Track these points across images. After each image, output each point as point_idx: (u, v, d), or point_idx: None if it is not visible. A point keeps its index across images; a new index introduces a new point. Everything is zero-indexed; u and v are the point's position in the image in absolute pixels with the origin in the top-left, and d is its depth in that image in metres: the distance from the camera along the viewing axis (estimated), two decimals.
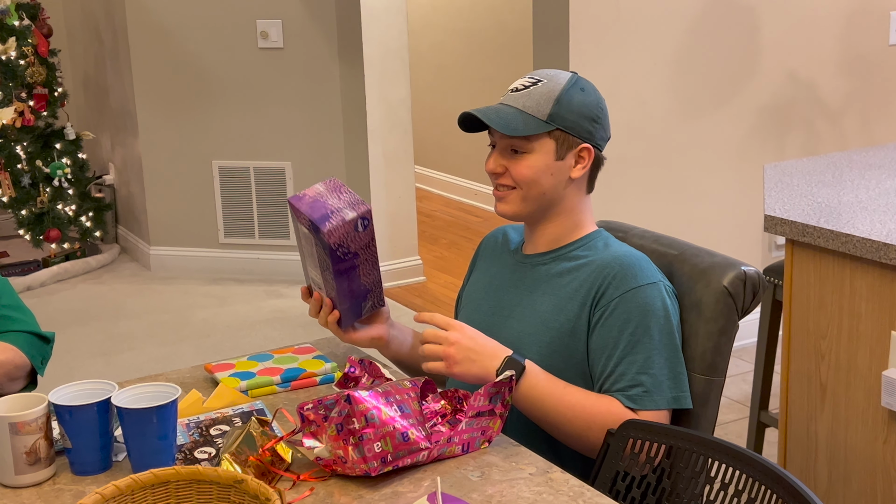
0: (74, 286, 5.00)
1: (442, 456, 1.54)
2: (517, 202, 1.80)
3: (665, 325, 1.70)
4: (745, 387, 3.54)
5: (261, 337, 4.21)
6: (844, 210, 2.29)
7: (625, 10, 3.54)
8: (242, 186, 4.95)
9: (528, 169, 1.76)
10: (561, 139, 1.75)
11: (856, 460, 2.20)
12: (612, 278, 1.72)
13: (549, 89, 1.76)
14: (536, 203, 1.79)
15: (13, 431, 1.48)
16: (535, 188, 1.77)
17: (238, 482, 1.21)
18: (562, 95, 1.75)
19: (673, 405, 1.68)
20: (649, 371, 1.67)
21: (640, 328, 1.68)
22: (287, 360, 1.89)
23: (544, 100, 1.75)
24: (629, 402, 1.66)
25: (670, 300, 1.73)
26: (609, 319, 1.70)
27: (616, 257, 1.75)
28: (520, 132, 1.74)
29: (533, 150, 1.76)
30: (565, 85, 1.76)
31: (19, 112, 4.88)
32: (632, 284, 1.70)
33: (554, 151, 1.76)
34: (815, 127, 4.01)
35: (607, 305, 1.70)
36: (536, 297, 1.80)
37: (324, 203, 1.71)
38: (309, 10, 4.71)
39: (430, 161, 6.61)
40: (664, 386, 1.67)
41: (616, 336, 1.69)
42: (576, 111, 1.75)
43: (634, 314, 1.69)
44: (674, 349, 1.70)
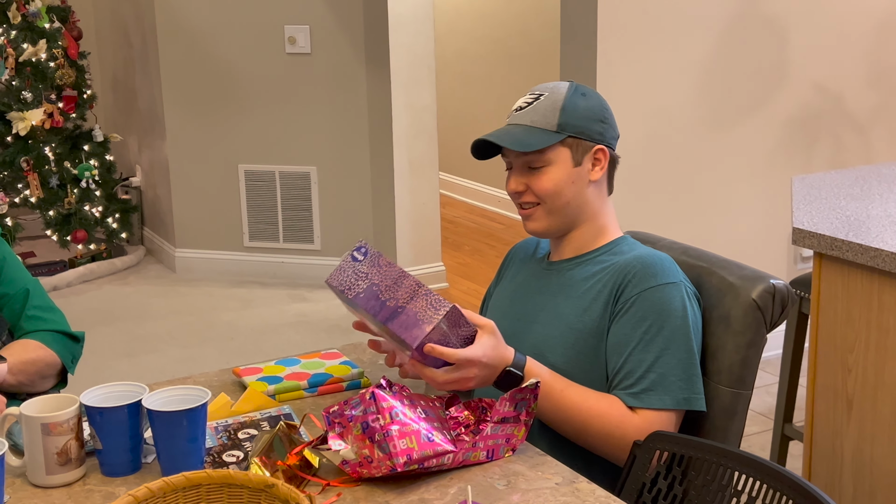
0: (100, 287, 5.04)
1: (467, 462, 1.54)
2: (544, 217, 1.80)
3: (682, 325, 1.69)
4: (769, 399, 3.53)
5: (284, 340, 4.23)
6: (873, 224, 2.29)
7: (653, 19, 3.54)
8: (268, 190, 4.98)
9: (549, 182, 1.77)
10: (574, 145, 1.77)
11: (881, 475, 2.19)
12: (632, 276, 1.72)
13: (553, 101, 1.77)
14: (562, 214, 1.79)
15: (45, 432, 1.49)
16: (558, 199, 1.78)
17: (269, 486, 1.21)
18: (566, 103, 1.77)
19: (683, 406, 1.66)
20: (658, 370, 1.66)
21: (655, 326, 1.68)
22: (314, 365, 1.90)
23: (550, 111, 1.77)
24: (632, 399, 1.66)
25: (690, 302, 1.72)
26: (625, 316, 1.71)
27: (638, 257, 1.76)
28: (533, 147, 1.75)
29: (549, 161, 1.77)
30: (566, 93, 1.79)
31: (48, 114, 4.93)
32: (651, 283, 1.70)
33: (570, 159, 1.77)
34: (843, 140, 3.99)
35: (626, 302, 1.71)
36: (560, 301, 1.80)
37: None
38: (336, 17, 4.73)
39: (455, 167, 6.62)
40: (674, 386, 1.66)
41: (630, 333, 1.70)
42: (582, 115, 1.77)
43: (651, 312, 1.69)
44: (689, 350, 1.69)
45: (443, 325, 1.56)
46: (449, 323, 1.57)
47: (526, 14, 5.86)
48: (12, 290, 2.05)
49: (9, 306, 2.04)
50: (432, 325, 1.55)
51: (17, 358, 1.94)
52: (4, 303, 2.05)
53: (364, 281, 1.63)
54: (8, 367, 1.91)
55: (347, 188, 4.88)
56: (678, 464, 1.58)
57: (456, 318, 1.58)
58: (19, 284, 2.07)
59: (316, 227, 4.95)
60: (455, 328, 1.59)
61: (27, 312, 2.05)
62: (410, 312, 1.57)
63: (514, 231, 5.97)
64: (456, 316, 1.58)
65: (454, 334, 1.59)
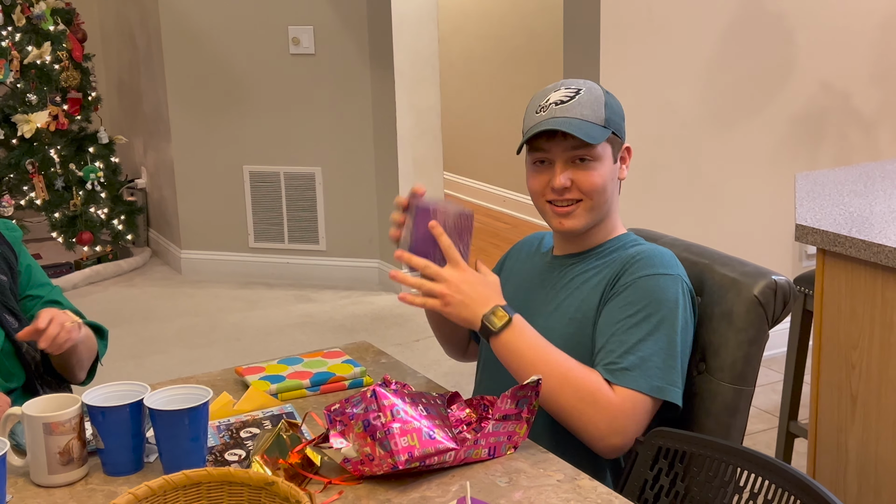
0: (106, 289, 5.05)
1: (468, 459, 1.54)
2: (584, 215, 1.78)
3: (670, 315, 1.67)
4: (774, 397, 3.52)
5: (290, 341, 4.23)
6: (876, 220, 2.28)
7: (656, 18, 3.54)
8: (273, 191, 4.99)
9: (599, 177, 1.75)
10: (614, 143, 1.78)
11: (886, 472, 2.19)
12: (631, 265, 1.73)
13: (595, 96, 1.76)
14: (600, 211, 1.79)
15: (47, 432, 1.50)
16: (602, 196, 1.77)
17: (269, 484, 1.21)
18: (607, 100, 1.78)
19: (655, 393, 1.63)
20: (638, 353, 1.65)
21: (644, 311, 1.67)
22: (316, 363, 1.90)
23: (596, 106, 1.75)
24: (609, 375, 1.64)
25: (684, 296, 1.71)
26: (617, 298, 1.71)
27: (641, 250, 1.77)
28: (597, 140, 1.73)
29: (598, 157, 1.75)
30: (602, 90, 1.80)
31: (53, 116, 4.94)
32: (648, 271, 1.70)
33: (612, 155, 1.78)
34: (848, 137, 3.99)
35: (621, 287, 1.71)
36: (562, 295, 1.80)
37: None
38: (340, 17, 4.73)
39: (459, 167, 6.62)
40: (651, 372, 1.64)
41: (617, 315, 1.69)
42: (618, 113, 1.79)
43: (642, 297, 1.68)
44: (672, 341, 1.67)
45: (451, 213, 1.67)
46: (458, 222, 1.68)
47: (530, 14, 5.86)
48: (44, 292, 2.09)
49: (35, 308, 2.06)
50: (444, 209, 1.67)
51: (86, 331, 1.98)
52: (35, 304, 2.07)
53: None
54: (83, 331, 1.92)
55: (352, 189, 4.88)
56: (680, 460, 1.58)
57: (467, 224, 1.70)
58: (48, 287, 2.11)
59: (321, 227, 4.96)
60: (458, 232, 1.69)
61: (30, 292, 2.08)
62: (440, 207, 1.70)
63: (519, 230, 5.97)
64: (467, 223, 1.70)
65: (456, 235, 1.68)
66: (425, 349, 4.14)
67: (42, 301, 2.08)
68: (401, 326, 4.41)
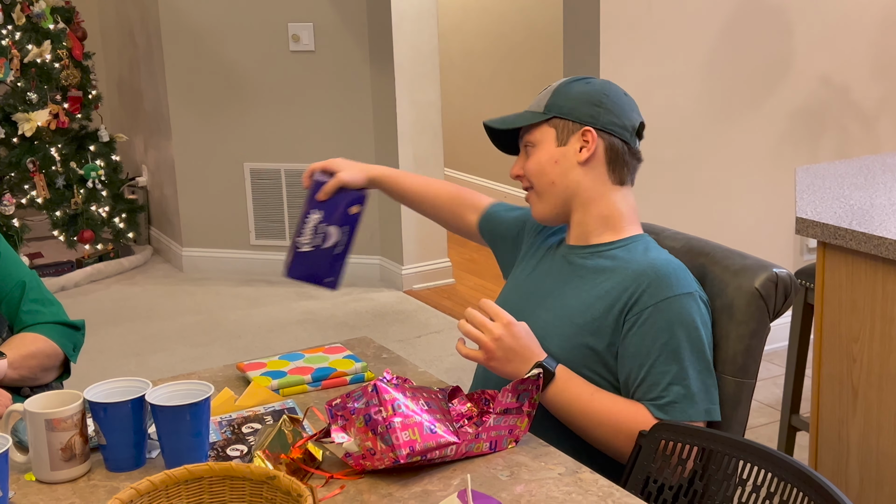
0: (108, 287, 5.05)
1: (470, 453, 1.54)
2: (536, 201, 1.84)
3: (697, 336, 1.68)
4: (776, 391, 3.53)
5: (291, 338, 4.24)
6: (877, 213, 2.28)
7: (656, 12, 3.54)
8: (273, 188, 4.99)
9: (534, 163, 1.81)
10: (560, 126, 1.79)
11: (888, 464, 2.19)
12: (647, 285, 1.69)
13: (554, 87, 1.82)
14: (551, 196, 1.81)
15: (49, 428, 1.50)
16: (543, 179, 1.80)
17: (270, 478, 1.22)
18: (560, 87, 1.81)
19: (705, 418, 1.66)
20: (682, 382, 1.66)
21: (674, 339, 1.67)
22: (318, 359, 1.90)
23: (544, 95, 1.83)
24: (660, 412, 1.65)
25: (704, 311, 1.71)
26: (643, 328, 1.68)
27: (652, 264, 1.72)
28: (514, 124, 1.82)
29: (535, 142, 1.81)
30: (567, 80, 1.83)
31: (54, 114, 4.94)
32: (667, 293, 1.68)
33: (555, 138, 1.79)
34: (849, 131, 3.98)
35: (641, 313, 1.69)
36: (567, 291, 1.79)
37: None
38: (340, 14, 4.73)
39: (460, 164, 6.62)
40: (697, 398, 1.66)
41: (649, 345, 1.68)
42: (574, 98, 1.79)
43: (668, 324, 1.67)
44: (705, 361, 1.69)
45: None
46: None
47: (530, 10, 5.86)
48: (9, 284, 2.05)
49: (6, 300, 2.04)
50: None
51: (18, 353, 1.94)
52: (1, 297, 2.05)
53: None
54: (9, 363, 1.91)
55: None
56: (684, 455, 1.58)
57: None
58: (15, 278, 2.06)
59: None
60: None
61: (24, 307, 2.05)
62: None
63: None
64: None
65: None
66: (427, 345, 4.15)
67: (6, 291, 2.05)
68: (402, 323, 4.42)
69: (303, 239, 1.93)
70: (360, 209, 1.97)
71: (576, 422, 1.68)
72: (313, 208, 1.93)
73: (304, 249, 1.93)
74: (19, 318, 2.05)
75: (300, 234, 1.93)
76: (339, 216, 1.95)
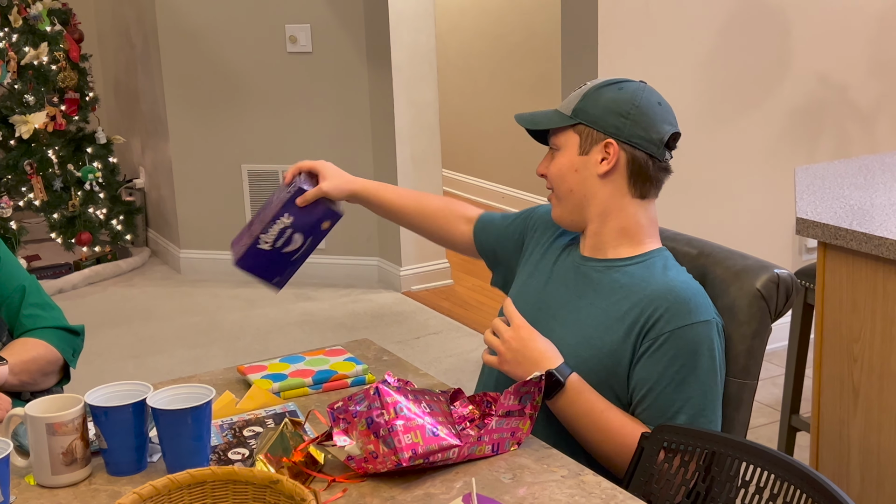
0: (105, 289, 5.04)
1: (472, 456, 1.54)
2: (557, 204, 1.82)
3: (711, 364, 1.67)
4: (775, 391, 3.53)
5: (290, 339, 4.23)
6: (877, 213, 2.28)
7: (654, 12, 3.53)
8: (271, 190, 4.96)
9: (555, 166, 1.78)
10: (585, 133, 1.75)
11: (889, 464, 2.19)
12: (664, 310, 1.67)
13: (586, 88, 1.77)
14: (569, 202, 1.78)
15: (50, 432, 1.49)
16: (562, 185, 1.78)
17: (273, 482, 1.21)
18: (590, 92, 1.75)
19: None
20: (690, 411, 1.65)
21: (688, 367, 1.66)
22: (318, 362, 1.90)
23: (574, 96, 1.77)
24: None
25: (719, 338, 1.70)
26: (657, 353, 1.67)
27: (671, 287, 1.69)
28: (539, 126, 1.78)
29: (560, 146, 1.77)
30: (601, 83, 1.76)
31: (51, 116, 4.93)
32: (685, 321, 1.66)
33: (578, 146, 1.75)
34: (847, 130, 3.98)
35: (657, 338, 1.67)
36: (583, 306, 1.76)
37: None
38: (337, 15, 4.73)
39: (457, 164, 6.62)
40: (704, 423, 1.66)
41: (661, 371, 1.66)
42: (602, 106, 1.73)
43: (683, 351, 1.66)
44: (717, 390, 1.68)
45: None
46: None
47: (528, 10, 5.86)
48: (9, 289, 2.05)
49: (6, 305, 2.04)
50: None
51: (18, 358, 1.94)
52: (1, 302, 2.05)
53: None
54: (9, 368, 1.91)
55: None
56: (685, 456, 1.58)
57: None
58: (15, 282, 2.06)
59: None
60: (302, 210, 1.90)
61: (24, 311, 2.05)
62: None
63: None
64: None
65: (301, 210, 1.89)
66: (426, 346, 4.14)
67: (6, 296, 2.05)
68: (401, 324, 4.41)
69: (266, 237, 1.91)
70: (331, 225, 1.95)
71: (582, 433, 1.67)
72: (286, 211, 1.90)
73: (263, 247, 1.91)
74: (19, 322, 2.05)
75: (265, 232, 1.90)
76: (309, 226, 1.93)
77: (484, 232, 2.01)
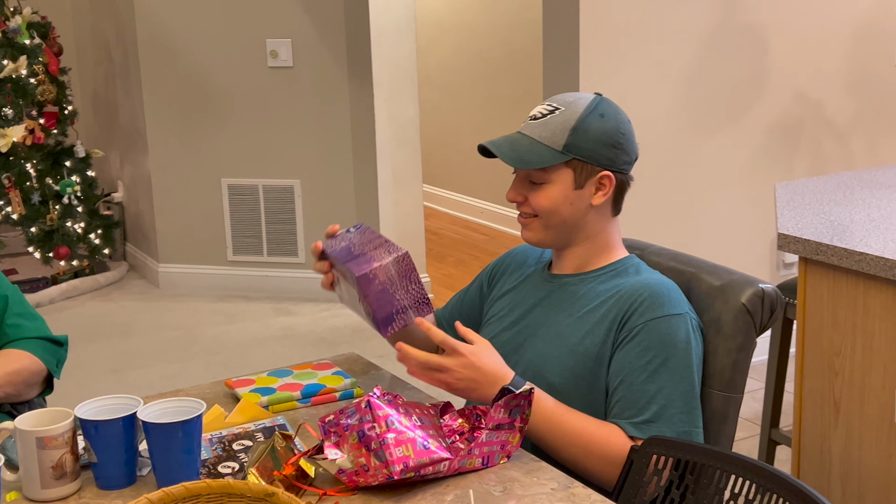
0: (83, 303, 5.02)
1: (462, 469, 1.55)
2: (539, 230, 1.80)
3: (685, 358, 1.68)
4: (755, 405, 3.55)
5: (270, 354, 4.22)
6: (857, 229, 2.31)
7: (635, 29, 3.57)
8: (251, 204, 4.98)
9: (546, 200, 1.76)
10: (579, 168, 1.74)
11: (869, 477, 2.21)
12: (638, 304, 1.70)
13: (566, 118, 1.74)
14: (558, 230, 1.79)
15: (40, 446, 1.49)
16: (555, 217, 1.77)
17: (269, 495, 1.22)
18: (578, 125, 1.73)
19: (683, 438, 1.66)
20: (660, 401, 1.66)
21: (659, 358, 1.67)
22: (307, 375, 1.90)
23: (560, 129, 1.73)
24: (634, 430, 1.65)
25: (694, 333, 1.71)
26: (630, 344, 1.69)
27: (645, 284, 1.73)
28: (533, 166, 1.74)
29: (550, 180, 1.75)
30: (582, 113, 1.74)
31: (30, 130, 4.91)
32: (658, 313, 1.69)
33: (572, 181, 1.75)
34: (823, 146, 4.03)
35: (630, 330, 1.69)
36: (561, 319, 1.79)
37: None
38: (318, 30, 4.74)
39: (438, 179, 6.64)
40: (675, 419, 1.66)
41: (633, 362, 1.68)
42: (593, 139, 1.73)
43: (655, 343, 1.68)
44: (691, 383, 1.68)
45: (391, 268, 1.64)
46: (398, 268, 1.64)
47: (508, 26, 5.89)
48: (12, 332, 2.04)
49: None
50: (380, 263, 1.64)
51: (3, 370, 1.93)
52: None
53: (345, 242, 1.77)
54: None
55: (331, 201, 4.88)
56: (675, 468, 1.59)
57: (408, 267, 1.65)
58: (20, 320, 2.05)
59: (300, 240, 4.95)
60: (405, 280, 1.65)
61: (7, 321, 2.03)
62: (368, 255, 1.68)
63: (498, 242, 5.98)
64: (407, 265, 1.65)
65: (403, 285, 1.65)
66: None
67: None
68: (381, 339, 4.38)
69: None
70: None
71: (546, 441, 1.67)
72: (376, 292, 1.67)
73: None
74: (2, 332, 2.04)
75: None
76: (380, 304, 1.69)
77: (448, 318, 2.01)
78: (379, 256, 1.66)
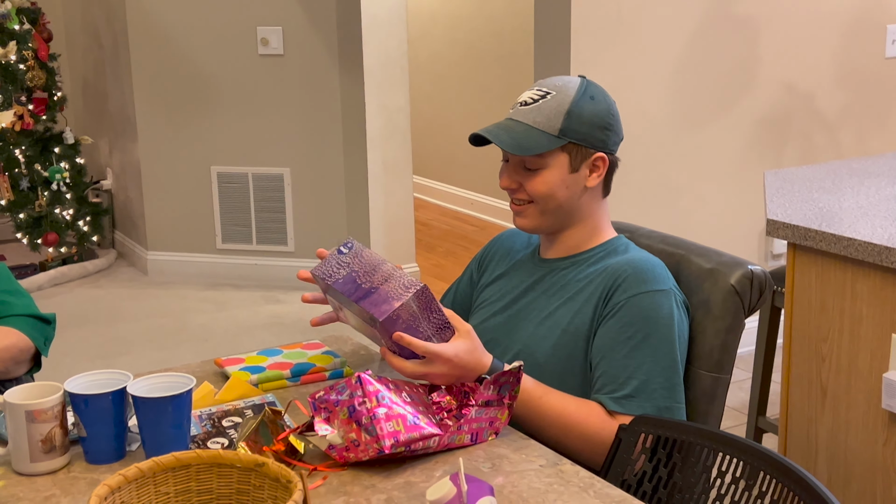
0: (72, 290, 5.00)
1: (451, 445, 1.55)
2: (535, 216, 1.80)
3: (667, 333, 1.69)
4: (741, 394, 3.57)
5: (258, 341, 4.22)
6: (845, 215, 2.32)
7: (626, 19, 3.58)
8: (241, 192, 4.97)
9: (543, 185, 1.76)
10: (574, 152, 1.76)
11: (856, 462, 2.23)
12: (622, 280, 1.72)
13: (559, 102, 1.74)
14: (554, 215, 1.79)
15: (29, 419, 1.49)
16: (551, 202, 1.78)
17: (259, 465, 1.22)
18: (572, 108, 1.74)
19: (663, 414, 1.66)
20: (641, 376, 1.67)
21: (641, 333, 1.68)
22: (296, 355, 1.90)
23: (554, 114, 1.74)
24: (614, 404, 1.66)
25: (678, 310, 1.72)
26: (612, 319, 1.71)
27: (630, 261, 1.75)
28: (531, 151, 1.74)
29: (546, 165, 1.76)
30: (574, 96, 1.75)
31: (19, 116, 4.89)
32: (641, 289, 1.70)
33: (568, 164, 1.76)
34: (812, 138, 4.05)
35: (615, 306, 1.71)
36: (553, 302, 1.80)
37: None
38: (309, 18, 4.73)
39: (428, 170, 6.64)
40: (655, 394, 1.66)
41: (615, 337, 1.70)
42: (587, 122, 1.75)
43: (638, 318, 1.69)
44: (673, 359, 1.69)
45: (412, 304, 1.59)
46: (419, 303, 1.59)
47: (499, 17, 5.89)
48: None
49: None
50: (401, 302, 1.58)
51: None
52: None
53: (345, 269, 1.67)
54: None
55: (321, 190, 4.88)
56: (663, 446, 1.60)
57: (427, 299, 1.60)
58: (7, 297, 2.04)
59: (289, 228, 4.95)
60: (426, 311, 1.61)
61: None
62: (383, 292, 1.60)
63: (487, 233, 5.99)
64: (427, 297, 1.60)
65: (425, 317, 1.61)
66: None
67: None
68: None
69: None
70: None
71: (528, 422, 1.67)
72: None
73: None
74: None
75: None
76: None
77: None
78: (396, 293, 1.59)
